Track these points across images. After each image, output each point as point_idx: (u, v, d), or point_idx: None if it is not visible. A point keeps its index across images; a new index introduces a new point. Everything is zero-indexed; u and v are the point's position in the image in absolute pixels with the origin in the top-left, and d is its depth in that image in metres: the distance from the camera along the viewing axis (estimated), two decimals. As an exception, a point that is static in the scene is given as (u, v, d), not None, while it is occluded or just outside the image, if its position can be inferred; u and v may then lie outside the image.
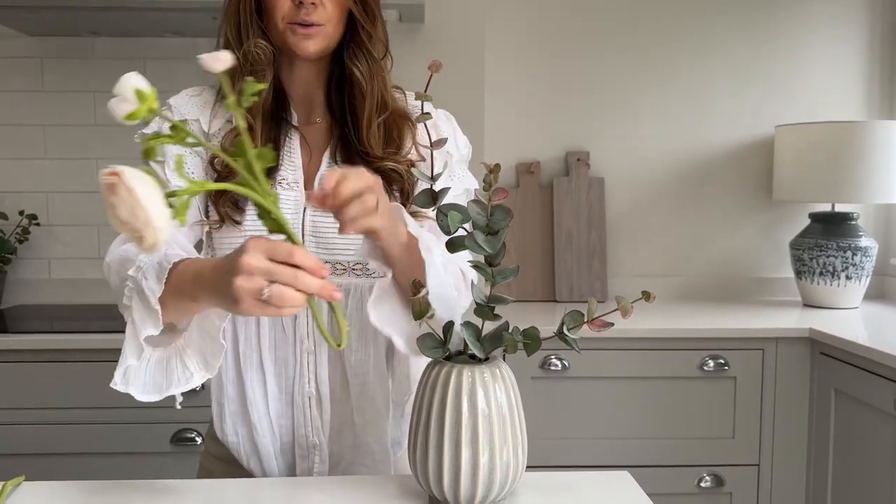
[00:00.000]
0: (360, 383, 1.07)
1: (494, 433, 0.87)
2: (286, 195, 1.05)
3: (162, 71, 2.29)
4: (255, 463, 1.09)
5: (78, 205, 2.32)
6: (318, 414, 1.07)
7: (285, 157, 1.08)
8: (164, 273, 0.87)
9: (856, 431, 1.81)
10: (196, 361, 0.93)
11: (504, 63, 2.42)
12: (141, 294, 0.89)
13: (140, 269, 0.91)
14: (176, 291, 0.88)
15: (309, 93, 1.12)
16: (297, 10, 1.02)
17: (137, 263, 0.92)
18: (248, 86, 0.75)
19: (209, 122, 1.07)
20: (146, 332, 0.88)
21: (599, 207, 2.41)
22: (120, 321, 2.10)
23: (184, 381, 0.93)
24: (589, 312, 0.88)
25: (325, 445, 1.08)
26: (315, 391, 1.07)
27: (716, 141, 2.47)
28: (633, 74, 2.45)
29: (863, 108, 2.48)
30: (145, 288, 0.88)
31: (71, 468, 1.83)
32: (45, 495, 0.95)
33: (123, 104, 0.70)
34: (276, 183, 1.05)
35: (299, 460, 1.09)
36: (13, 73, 2.28)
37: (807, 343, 1.97)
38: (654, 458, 1.97)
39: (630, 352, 1.96)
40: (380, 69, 1.09)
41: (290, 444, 1.09)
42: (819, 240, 2.23)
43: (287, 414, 1.08)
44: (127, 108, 0.70)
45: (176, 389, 0.93)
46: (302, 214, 1.06)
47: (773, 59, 2.46)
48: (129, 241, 0.78)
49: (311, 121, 1.12)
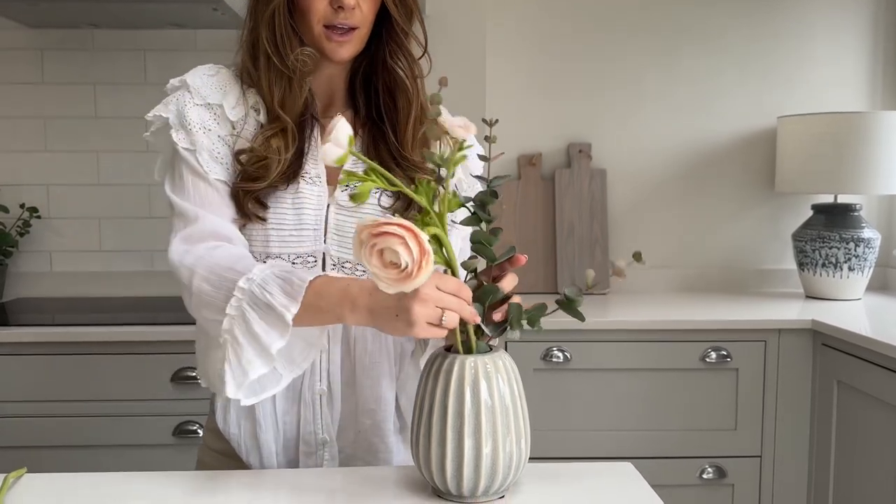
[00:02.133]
0: (371, 384, 1.07)
1: (497, 424, 0.86)
2: (309, 190, 1.04)
3: (162, 63, 2.29)
4: (254, 458, 1.08)
5: (79, 198, 2.32)
6: (329, 411, 1.07)
7: (309, 152, 1.06)
8: (301, 292, 0.89)
9: (858, 423, 1.81)
10: (282, 363, 0.95)
11: (505, 54, 2.41)
12: (266, 308, 0.90)
13: (253, 282, 0.91)
14: (313, 309, 0.90)
15: (332, 88, 1.11)
16: (333, 13, 1.00)
17: (247, 275, 0.91)
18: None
19: (234, 110, 1.04)
20: (276, 344, 0.90)
21: (601, 199, 2.40)
22: (116, 314, 2.08)
23: (274, 383, 0.95)
24: (587, 282, 0.89)
25: (335, 441, 1.08)
26: (327, 389, 1.06)
27: (718, 132, 2.46)
28: (636, 65, 2.44)
29: (866, 98, 2.47)
30: (276, 304, 0.89)
31: (72, 461, 1.83)
32: (46, 487, 0.95)
33: (337, 150, 0.80)
34: (299, 178, 1.04)
35: (303, 457, 1.08)
36: (13, 65, 2.27)
37: (809, 334, 1.96)
38: (655, 449, 1.97)
39: (632, 343, 1.95)
40: (419, 70, 1.08)
41: (294, 440, 1.08)
42: (822, 231, 2.22)
43: (293, 411, 1.07)
44: (339, 153, 0.81)
45: (269, 392, 0.96)
46: (325, 211, 1.04)
47: (776, 49, 2.45)
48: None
49: (329, 114, 1.10)
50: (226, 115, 1.03)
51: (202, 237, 0.99)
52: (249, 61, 1.05)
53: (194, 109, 1.02)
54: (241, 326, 0.91)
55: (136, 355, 1.84)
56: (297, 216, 1.03)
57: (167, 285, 2.31)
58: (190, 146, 1.01)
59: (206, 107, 1.03)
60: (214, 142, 1.02)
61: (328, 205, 1.05)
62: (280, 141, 1.02)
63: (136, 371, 1.85)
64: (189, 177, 1.01)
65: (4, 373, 1.84)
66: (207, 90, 1.04)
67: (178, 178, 1.02)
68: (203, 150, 1.01)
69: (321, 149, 0.83)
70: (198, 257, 0.96)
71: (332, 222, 1.04)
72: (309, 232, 1.03)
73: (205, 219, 0.99)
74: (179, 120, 1.02)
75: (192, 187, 1.01)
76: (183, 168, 1.02)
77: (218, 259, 0.96)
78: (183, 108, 1.02)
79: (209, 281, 0.94)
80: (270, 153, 1.01)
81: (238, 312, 0.91)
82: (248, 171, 1.01)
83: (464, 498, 0.89)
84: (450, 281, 0.86)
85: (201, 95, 1.03)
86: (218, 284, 0.93)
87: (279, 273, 0.92)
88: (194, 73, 1.05)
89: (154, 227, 2.32)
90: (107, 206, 2.32)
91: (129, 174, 2.31)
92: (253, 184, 1.01)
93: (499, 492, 0.90)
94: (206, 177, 1.01)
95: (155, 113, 1.04)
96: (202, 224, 0.99)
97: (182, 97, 1.03)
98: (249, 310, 0.90)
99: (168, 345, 1.84)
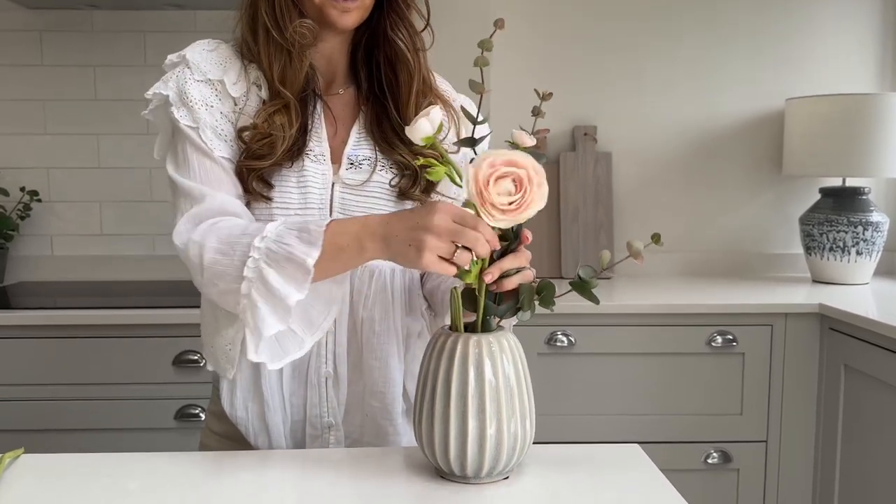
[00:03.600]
0: (379, 367, 1.06)
1: (502, 404, 0.85)
2: (314, 168, 1.02)
3: (162, 44, 2.27)
4: (263, 441, 1.07)
5: (79, 181, 2.30)
6: (335, 394, 1.06)
7: (313, 130, 1.04)
8: (319, 236, 0.88)
9: (865, 407, 1.80)
10: (301, 326, 0.94)
11: (510, 36, 2.37)
12: (286, 261, 0.88)
13: (268, 239, 0.89)
14: (333, 248, 0.88)
15: (333, 63, 1.08)
16: None
17: (261, 234, 0.89)
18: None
19: (235, 86, 1.01)
20: (294, 297, 0.88)
21: (606, 182, 2.38)
22: (117, 298, 2.08)
23: (297, 347, 0.94)
24: (602, 263, 0.88)
25: (341, 425, 1.07)
26: (333, 371, 1.05)
27: (725, 114, 2.43)
28: (641, 47, 2.40)
29: (875, 80, 2.44)
30: (296, 253, 0.87)
31: (73, 444, 1.82)
32: (44, 467, 0.94)
33: (427, 126, 0.82)
34: (303, 155, 1.01)
35: (310, 440, 1.07)
36: (11, 47, 2.25)
37: (816, 318, 1.94)
38: (660, 434, 1.95)
39: (637, 328, 1.94)
40: (422, 43, 1.06)
41: (301, 422, 1.07)
42: (829, 215, 2.19)
43: (299, 393, 1.06)
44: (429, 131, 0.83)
45: (292, 356, 0.95)
46: (330, 189, 1.03)
47: (784, 30, 2.41)
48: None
49: (332, 91, 1.08)
50: (227, 92, 1.01)
51: (210, 215, 0.96)
52: (249, 35, 1.03)
53: (195, 86, 1.00)
54: (259, 288, 0.89)
55: (137, 338, 1.83)
56: (301, 195, 1.01)
57: (168, 269, 2.30)
58: (192, 123, 0.99)
59: (207, 83, 1.00)
60: (217, 118, 1.00)
61: (333, 183, 1.03)
62: (283, 117, 0.99)
63: (137, 354, 1.84)
64: (193, 154, 0.99)
65: (5, 356, 1.83)
66: (207, 66, 1.01)
67: (182, 158, 1.00)
68: (206, 126, 0.99)
69: (412, 124, 0.83)
70: (205, 231, 0.94)
71: (338, 201, 1.03)
72: (314, 211, 1.01)
73: (212, 197, 0.97)
74: (180, 97, 0.99)
75: (198, 165, 0.99)
76: (186, 146, 0.99)
77: (228, 227, 0.94)
78: (183, 84, 1.00)
79: (221, 251, 0.92)
80: (275, 130, 0.98)
81: (256, 274, 0.89)
82: (252, 148, 0.99)
83: (468, 478, 0.87)
84: (469, 216, 0.84)
85: (201, 71, 1.00)
86: (231, 252, 0.91)
87: (293, 225, 0.91)
88: (193, 49, 1.03)
89: (155, 211, 2.30)
90: (108, 190, 2.31)
91: (130, 157, 2.29)
92: (258, 161, 0.98)
93: (503, 473, 0.89)
94: (211, 154, 0.99)
95: (154, 90, 1.01)
96: (209, 202, 0.97)
97: (182, 73, 1.01)
98: (267, 267, 0.88)
99: (170, 328, 1.83)
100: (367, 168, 1.05)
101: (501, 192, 0.81)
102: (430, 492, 0.86)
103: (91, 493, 0.86)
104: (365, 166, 1.05)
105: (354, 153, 1.05)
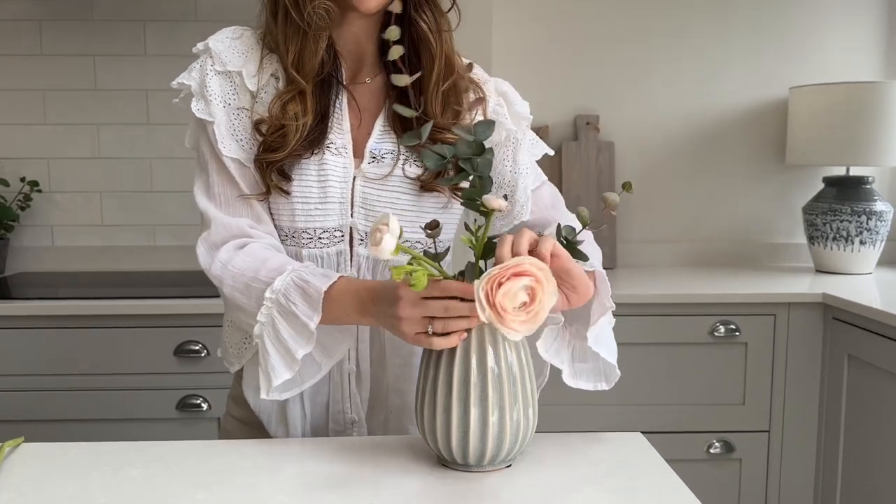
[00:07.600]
0: (400, 364, 1.05)
1: (504, 392, 0.84)
2: (335, 161, 1.00)
3: (162, 32, 2.26)
4: (281, 432, 1.07)
5: (79, 171, 2.29)
6: (358, 391, 1.05)
7: (334, 121, 1.01)
8: (319, 303, 0.90)
9: (869, 397, 1.79)
10: (318, 352, 0.95)
11: (512, 25, 2.36)
12: (292, 317, 0.91)
13: (278, 292, 0.92)
14: (333, 319, 0.91)
15: (360, 49, 1.05)
16: None
17: (271, 286, 0.92)
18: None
19: (254, 78, 1.00)
20: (301, 350, 0.91)
21: (609, 172, 2.36)
22: (118, 288, 2.08)
23: (314, 373, 0.96)
24: (582, 220, 0.88)
25: (364, 422, 1.06)
26: (356, 367, 1.04)
27: (728, 103, 2.42)
28: (644, 35, 2.39)
29: (879, 68, 2.42)
30: (299, 314, 0.90)
31: (74, 434, 1.81)
32: (44, 456, 0.93)
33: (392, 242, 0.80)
34: (324, 148, 1.00)
35: (333, 436, 1.06)
36: (11, 36, 2.24)
37: (820, 308, 1.93)
38: (663, 423, 1.95)
39: (640, 317, 1.93)
40: (447, 24, 1.03)
41: (323, 417, 1.06)
42: (833, 204, 2.18)
43: (322, 391, 1.05)
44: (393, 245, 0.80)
45: (308, 384, 0.97)
46: (351, 183, 1.01)
47: (788, 18, 2.40)
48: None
49: (359, 80, 1.05)
50: (245, 85, 1.00)
51: (222, 240, 0.99)
52: (271, 18, 1.01)
53: (215, 78, 1.00)
54: (270, 334, 0.92)
55: (138, 329, 1.83)
56: (321, 189, 0.99)
57: (169, 259, 2.29)
58: (208, 117, 0.99)
59: (226, 75, 1.00)
60: (232, 116, 1.00)
61: (354, 177, 1.01)
62: (297, 106, 0.98)
63: (138, 345, 1.83)
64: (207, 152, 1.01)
65: (6, 347, 1.82)
66: (228, 55, 1.00)
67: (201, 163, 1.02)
68: (220, 123, 0.99)
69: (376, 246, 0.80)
70: (222, 267, 0.97)
71: (359, 195, 1.01)
72: (335, 205, 1.00)
73: (219, 222, 0.99)
74: (201, 89, 1.00)
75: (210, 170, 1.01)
76: (202, 145, 1.02)
77: (241, 268, 0.96)
78: (205, 76, 1.00)
79: (238, 290, 0.96)
80: (287, 120, 0.97)
81: (268, 319, 0.92)
82: (267, 141, 0.98)
83: (470, 467, 0.87)
84: (434, 289, 0.82)
85: (221, 62, 1.00)
86: (247, 293, 0.95)
87: (298, 281, 0.92)
88: (217, 37, 1.02)
89: (156, 201, 2.29)
90: (108, 180, 2.30)
91: (131, 147, 2.29)
92: (273, 154, 0.97)
93: (506, 461, 0.88)
94: (220, 154, 0.99)
95: (179, 80, 1.02)
96: (216, 227, 0.99)
97: (204, 63, 1.01)
98: (279, 317, 0.92)
99: (171, 318, 1.82)
100: (390, 161, 1.02)
101: (517, 304, 0.80)
102: (431, 480, 0.86)
103: (91, 480, 0.86)
104: (388, 160, 1.02)
105: (377, 147, 1.03)
